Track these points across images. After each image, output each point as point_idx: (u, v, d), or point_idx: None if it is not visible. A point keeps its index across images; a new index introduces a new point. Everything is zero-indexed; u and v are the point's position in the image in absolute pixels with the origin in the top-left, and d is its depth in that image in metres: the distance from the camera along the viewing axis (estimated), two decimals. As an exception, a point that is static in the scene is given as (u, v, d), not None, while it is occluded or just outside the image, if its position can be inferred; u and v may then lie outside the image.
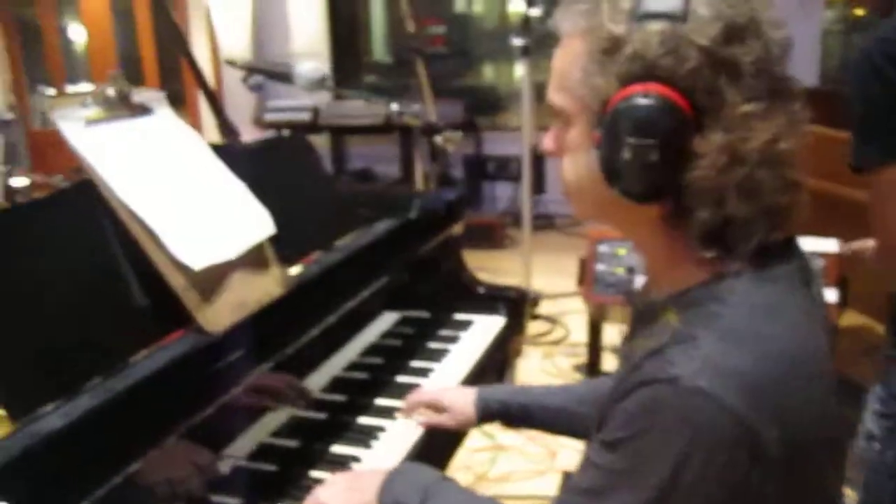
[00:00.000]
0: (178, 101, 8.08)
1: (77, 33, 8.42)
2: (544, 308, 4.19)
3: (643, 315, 0.95)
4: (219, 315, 1.16)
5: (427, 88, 4.11)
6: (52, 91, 8.09)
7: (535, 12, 3.90)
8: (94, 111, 1.18)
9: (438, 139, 2.01)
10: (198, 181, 1.26)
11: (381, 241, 1.66)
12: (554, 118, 0.91)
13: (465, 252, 2.09)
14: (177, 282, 1.14)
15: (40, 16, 8.22)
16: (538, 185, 5.18)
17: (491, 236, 5.62)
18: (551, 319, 4.13)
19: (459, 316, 1.95)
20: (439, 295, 1.97)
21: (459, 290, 2.01)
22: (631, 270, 1.91)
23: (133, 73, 8.25)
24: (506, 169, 6.17)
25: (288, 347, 1.33)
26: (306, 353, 1.40)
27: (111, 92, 1.20)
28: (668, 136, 0.78)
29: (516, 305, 1.99)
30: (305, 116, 6.31)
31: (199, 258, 1.14)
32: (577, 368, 3.55)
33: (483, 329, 1.88)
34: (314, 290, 1.42)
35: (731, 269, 0.82)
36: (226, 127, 1.77)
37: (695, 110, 0.78)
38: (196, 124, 8.07)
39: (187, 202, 1.21)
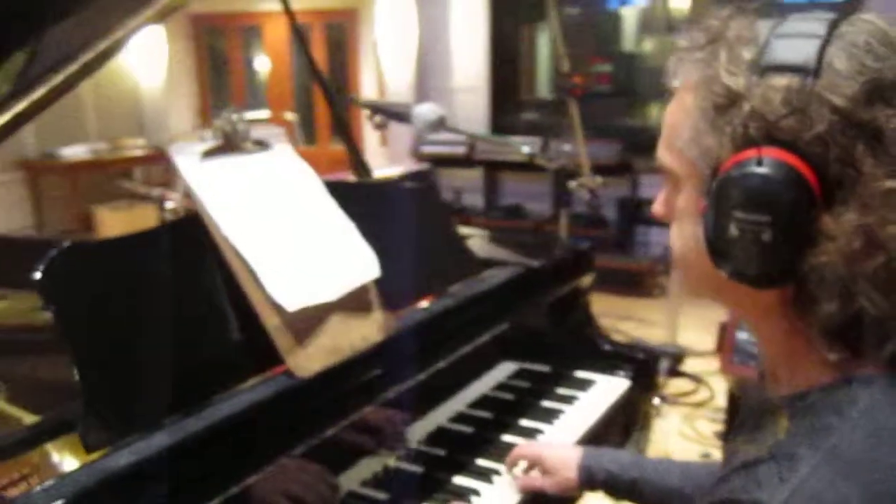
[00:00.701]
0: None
1: (260, 64, 9.02)
2: (689, 365, 3.93)
3: (753, 412, 0.81)
4: (310, 359, 1.13)
5: (578, 128, 4.02)
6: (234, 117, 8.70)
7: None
8: (209, 146, 1.19)
9: (573, 183, 1.91)
10: (306, 219, 1.24)
11: (498, 288, 1.58)
12: (665, 179, 0.81)
13: (611, 299, 1.97)
14: (271, 321, 1.11)
15: (229, 47, 8.89)
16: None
17: (640, 284, 5.39)
18: (696, 378, 3.86)
19: (581, 374, 1.83)
20: (562, 349, 1.86)
21: (584, 346, 1.88)
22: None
23: (307, 104, 8.73)
24: (662, 213, 5.90)
25: (386, 393, 1.28)
26: (407, 401, 1.34)
27: (229, 128, 1.21)
28: (787, 213, 0.65)
29: (645, 368, 1.84)
30: (461, 150, 6.38)
31: (294, 298, 1.12)
32: (720, 436, 3.27)
33: (604, 391, 1.75)
34: (419, 337, 1.37)
35: (860, 374, 0.68)
36: (358, 163, 1.77)
37: (823, 183, 0.65)
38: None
39: (292, 240, 1.19)
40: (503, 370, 1.73)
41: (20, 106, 1.18)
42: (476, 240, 1.90)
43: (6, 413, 1.16)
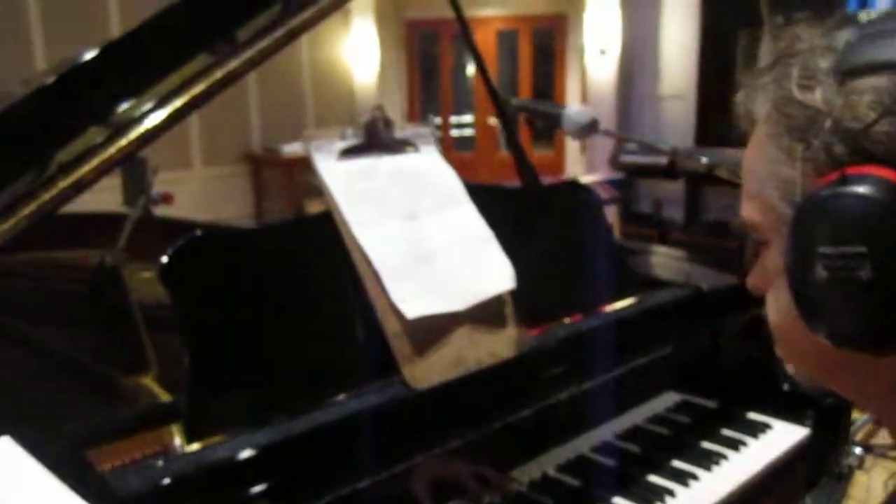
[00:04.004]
0: (550, 139, 8.40)
1: (469, 69, 9.20)
2: None
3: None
4: (429, 370, 1.07)
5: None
6: (437, 120, 8.97)
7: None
8: (349, 144, 1.17)
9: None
10: (441, 224, 1.19)
11: (654, 310, 1.44)
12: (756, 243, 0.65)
13: None
14: (391, 327, 1.07)
15: (440, 52, 9.15)
16: None
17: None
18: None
19: (753, 415, 1.62)
20: (735, 384, 1.66)
21: (759, 383, 1.67)
22: None
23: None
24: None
25: (512, 414, 1.19)
26: (539, 425, 1.25)
27: (371, 126, 1.19)
28: (889, 239, 0.50)
29: (832, 416, 1.60)
30: (662, 160, 6.08)
31: (415, 306, 1.07)
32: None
33: (777, 439, 1.54)
34: (557, 356, 1.27)
35: None
36: (523, 168, 1.70)
37: None
38: (559, 158, 8.31)
39: (423, 246, 1.15)
40: (664, 401, 1.57)
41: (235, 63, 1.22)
42: (648, 257, 1.75)
43: (154, 392, 1.22)
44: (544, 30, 8.29)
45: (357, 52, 8.47)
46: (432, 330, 1.09)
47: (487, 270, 1.18)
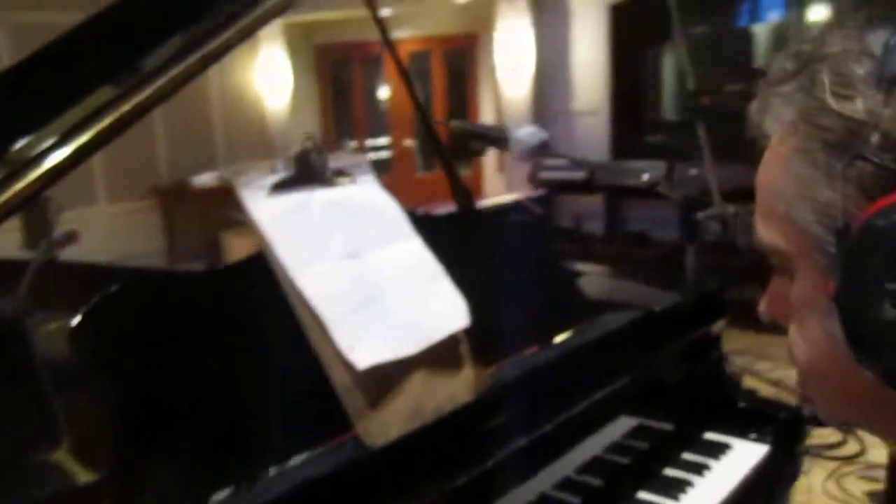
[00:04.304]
0: (468, 159, 8.38)
1: (382, 92, 9.14)
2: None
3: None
4: (385, 424, 0.97)
5: (707, 152, 3.71)
6: (353, 143, 8.85)
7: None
8: (280, 178, 1.06)
9: (701, 214, 1.68)
10: (388, 262, 1.09)
11: (613, 338, 1.38)
12: (772, 266, 0.59)
13: (745, 335, 1.71)
14: (341, 379, 0.96)
15: (353, 76, 9.06)
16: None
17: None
18: (844, 429, 3.44)
19: (711, 436, 1.58)
20: (689, 404, 1.62)
21: (715, 402, 1.63)
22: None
23: (427, 129, 8.74)
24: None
25: (476, 464, 1.10)
26: (501, 468, 1.16)
27: (303, 157, 1.08)
28: None
29: (788, 430, 1.57)
30: (580, 175, 6.13)
31: (366, 354, 0.96)
32: (872, 497, 2.88)
33: (740, 459, 1.49)
34: (518, 395, 1.18)
35: None
36: (457, 190, 1.61)
37: None
38: (477, 177, 8.31)
39: (369, 286, 1.04)
40: (619, 427, 1.51)
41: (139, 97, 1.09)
42: (590, 278, 1.69)
43: (68, 469, 1.07)
44: (456, 50, 8.31)
45: (268, 79, 8.28)
46: (386, 379, 0.99)
47: (440, 308, 1.08)
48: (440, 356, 1.06)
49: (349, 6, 7.48)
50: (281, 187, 1.07)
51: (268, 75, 8.26)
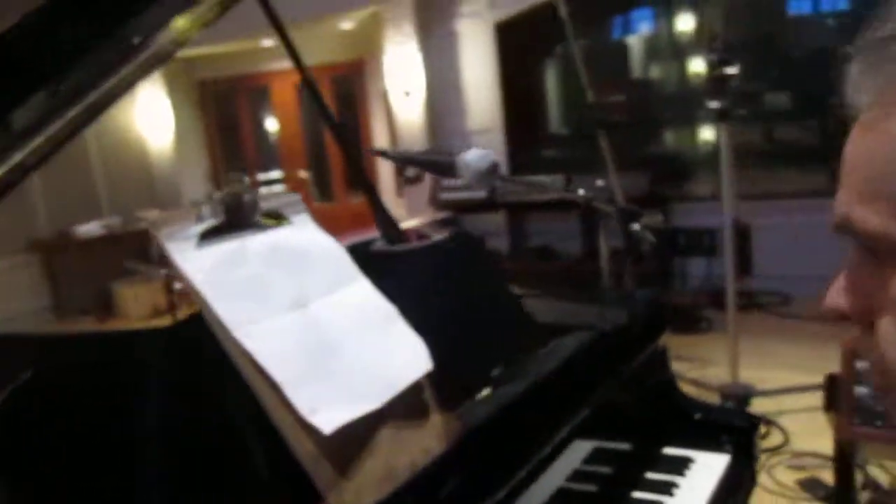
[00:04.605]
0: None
1: (270, 124, 8.93)
2: (756, 406, 3.60)
3: None
4: (359, 492, 0.86)
5: (611, 162, 3.78)
6: (245, 178, 8.59)
7: (732, 70, 3.46)
8: (208, 226, 0.94)
9: (636, 226, 1.65)
10: (337, 309, 0.98)
11: (573, 365, 1.31)
12: (854, 251, 0.54)
13: None
14: (305, 448, 0.85)
15: (238, 110, 8.81)
16: (745, 265, 4.56)
17: (685, 318, 5.06)
18: (766, 420, 3.52)
19: (671, 451, 1.54)
20: (643, 421, 1.57)
21: (669, 416, 1.60)
22: (907, 396, 1.41)
23: (320, 159, 8.59)
24: (699, 243, 5.61)
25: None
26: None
27: (231, 200, 0.97)
28: None
29: (746, 436, 1.55)
30: (482, 194, 6.14)
31: (331, 416, 0.86)
32: (803, 485, 2.94)
33: (705, 472, 1.46)
34: (491, 437, 1.10)
35: None
36: (383, 219, 1.52)
37: None
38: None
39: (322, 339, 0.94)
40: (576, 452, 1.44)
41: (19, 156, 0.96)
42: (528, 301, 1.63)
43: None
44: (343, 77, 8.22)
45: (149, 119, 7.93)
46: (353, 440, 0.89)
47: (400, 354, 0.99)
48: (407, 407, 0.96)
49: (229, 40, 7.27)
50: (209, 236, 0.95)
51: (148, 115, 7.91)
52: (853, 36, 0.48)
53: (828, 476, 2.96)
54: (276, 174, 8.88)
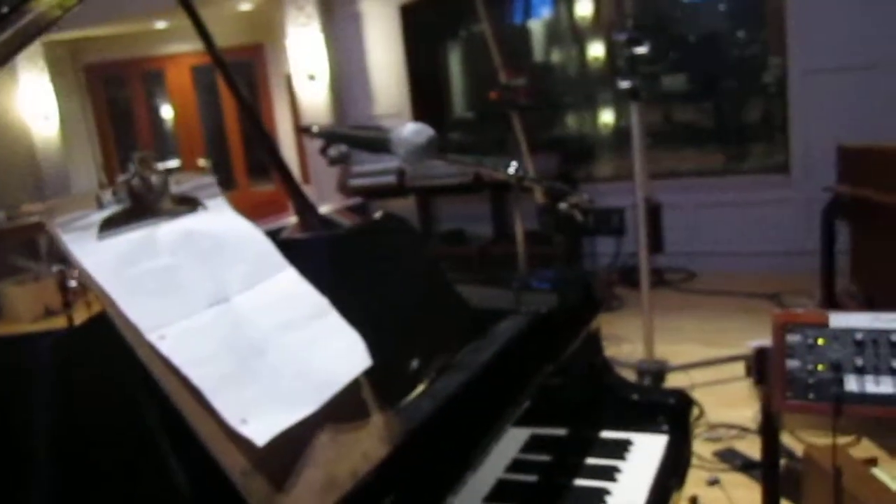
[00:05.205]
0: (268, 173, 8.01)
1: (167, 111, 8.53)
2: (670, 380, 3.67)
3: None
4: (298, 509, 0.77)
5: (524, 143, 3.76)
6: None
7: (642, 50, 3.49)
8: (110, 213, 0.82)
9: (563, 205, 1.60)
10: (262, 303, 0.88)
11: (511, 352, 1.25)
12: None
13: None
14: (235, 462, 0.75)
15: (131, 97, 8.37)
16: (656, 243, 4.65)
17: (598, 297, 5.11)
18: (681, 395, 3.59)
19: (609, 434, 1.51)
20: (577, 404, 1.53)
21: (604, 399, 1.56)
22: (837, 367, 1.42)
23: (220, 146, 8.27)
24: (607, 222, 5.69)
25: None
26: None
27: (137, 184, 0.85)
28: None
29: (681, 414, 1.53)
30: (391, 179, 6.04)
31: (264, 425, 0.75)
32: (720, 456, 3.01)
33: (646, 454, 1.43)
34: (433, 435, 1.02)
35: None
36: (302, 204, 1.41)
37: None
38: (284, 195, 7.96)
39: (246, 337, 0.83)
40: (512, 441, 1.39)
41: None
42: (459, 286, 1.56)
43: None
44: (241, 62, 7.93)
45: (32, 106, 7.42)
46: (288, 449, 0.79)
47: (335, 350, 0.89)
48: (344, 408, 0.87)
49: (118, 22, 6.87)
50: (112, 224, 0.82)
51: (31, 102, 7.41)
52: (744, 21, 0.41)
53: (742, 445, 3.05)
54: (173, 163, 8.50)
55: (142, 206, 0.86)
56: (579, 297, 1.52)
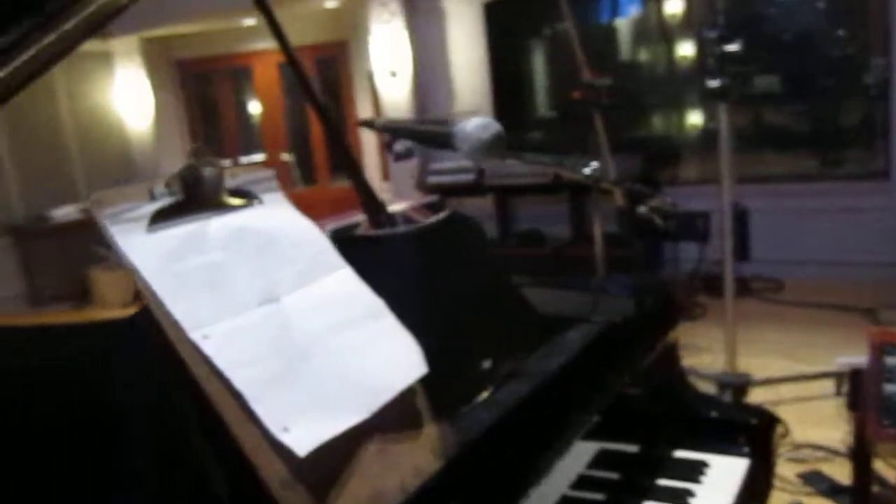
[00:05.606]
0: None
1: (253, 106, 8.71)
2: (753, 395, 3.49)
3: None
4: (339, 525, 0.72)
5: (606, 143, 3.65)
6: (226, 162, 8.38)
7: (733, 48, 3.32)
8: (162, 205, 0.79)
9: (643, 209, 1.51)
10: (314, 304, 0.84)
11: (580, 362, 1.18)
12: None
13: None
14: (275, 471, 0.71)
15: (219, 92, 8.59)
16: (742, 250, 4.45)
17: (679, 304, 4.94)
18: (765, 411, 3.42)
19: (683, 453, 1.41)
20: (651, 420, 1.44)
21: (680, 415, 1.47)
22: (943, 394, 1.29)
23: (303, 142, 8.40)
24: (691, 227, 5.49)
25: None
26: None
27: (190, 175, 0.82)
28: None
29: (764, 436, 1.43)
30: (470, 178, 5.99)
31: (307, 435, 0.71)
32: (804, 479, 2.83)
33: (723, 478, 1.33)
34: (493, 448, 0.96)
35: None
36: (369, 201, 1.37)
37: None
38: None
39: (295, 341, 0.79)
40: (580, 455, 1.31)
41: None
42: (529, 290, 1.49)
43: None
44: (327, 58, 8.02)
45: (127, 100, 7.71)
46: (333, 461, 0.74)
47: (388, 356, 0.84)
48: (396, 418, 0.82)
49: (209, 19, 7.05)
50: (163, 217, 0.80)
51: (127, 96, 7.69)
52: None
53: (829, 468, 2.87)
54: (258, 157, 8.68)
55: (195, 200, 0.84)
56: (658, 306, 1.43)
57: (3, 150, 6.67)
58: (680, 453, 1.42)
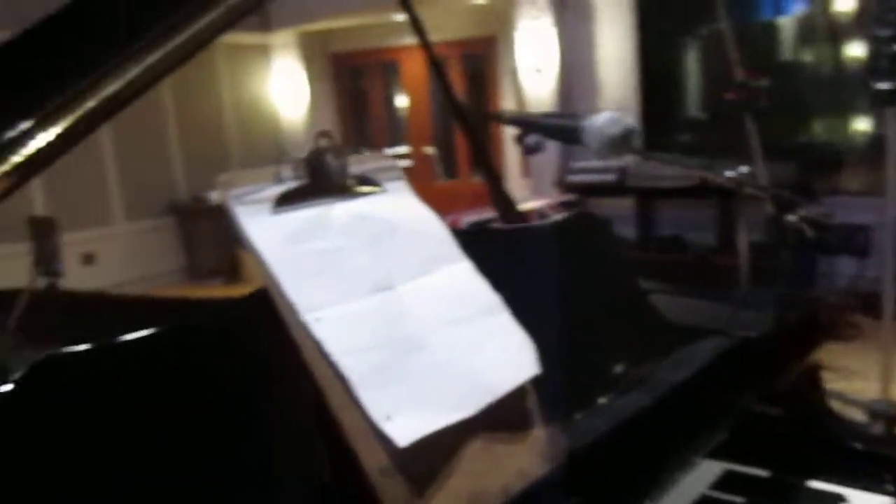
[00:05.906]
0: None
1: (400, 100, 8.92)
2: (910, 428, 3.20)
3: None
4: (436, 520, 0.71)
5: (758, 147, 3.45)
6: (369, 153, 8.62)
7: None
8: (287, 189, 0.81)
9: (793, 217, 1.40)
10: (429, 297, 0.83)
11: (709, 376, 1.11)
12: None
13: None
14: (374, 459, 0.71)
15: (368, 85, 8.85)
16: (907, 269, 4.08)
17: (829, 323, 4.61)
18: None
19: (818, 485, 1.30)
20: (786, 444, 1.34)
21: (819, 443, 1.36)
22: None
23: (446, 136, 8.51)
24: (849, 240, 5.10)
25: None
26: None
27: (316, 160, 0.83)
28: None
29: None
30: (612, 177, 5.85)
31: (409, 426, 0.71)
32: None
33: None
34: (607, 458, 0.92)
35: None
36: (499, 196, 1.36)
37: None
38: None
39: (407, 331, 0.79)
40: (703, 475, 1.25)
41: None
42: (658, 297, 1.43)
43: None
44: (474, 54, 8.07)
45: (283, 90, 8.10)
46: (435, 454, 0.74)
47: (500, 353, 0.82)
48: (503, 417, 0.80)
49: (363, 13, 7.27)
50: (288, 200, 0.82)
51: (283, 86, 8.08)
52: None
53: None
54: (402, 150, 8.88)
55: (320, 184, 0.85)
56: (800, 324, 1.33)
57: (172, 135, 7.19)
58: (815, 484, 1.31)
